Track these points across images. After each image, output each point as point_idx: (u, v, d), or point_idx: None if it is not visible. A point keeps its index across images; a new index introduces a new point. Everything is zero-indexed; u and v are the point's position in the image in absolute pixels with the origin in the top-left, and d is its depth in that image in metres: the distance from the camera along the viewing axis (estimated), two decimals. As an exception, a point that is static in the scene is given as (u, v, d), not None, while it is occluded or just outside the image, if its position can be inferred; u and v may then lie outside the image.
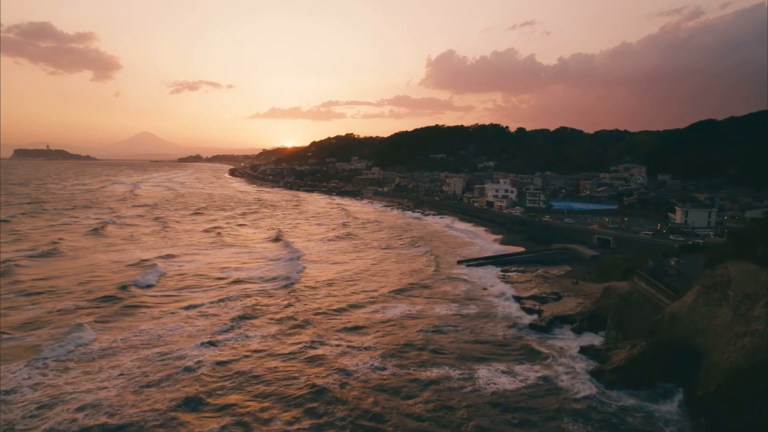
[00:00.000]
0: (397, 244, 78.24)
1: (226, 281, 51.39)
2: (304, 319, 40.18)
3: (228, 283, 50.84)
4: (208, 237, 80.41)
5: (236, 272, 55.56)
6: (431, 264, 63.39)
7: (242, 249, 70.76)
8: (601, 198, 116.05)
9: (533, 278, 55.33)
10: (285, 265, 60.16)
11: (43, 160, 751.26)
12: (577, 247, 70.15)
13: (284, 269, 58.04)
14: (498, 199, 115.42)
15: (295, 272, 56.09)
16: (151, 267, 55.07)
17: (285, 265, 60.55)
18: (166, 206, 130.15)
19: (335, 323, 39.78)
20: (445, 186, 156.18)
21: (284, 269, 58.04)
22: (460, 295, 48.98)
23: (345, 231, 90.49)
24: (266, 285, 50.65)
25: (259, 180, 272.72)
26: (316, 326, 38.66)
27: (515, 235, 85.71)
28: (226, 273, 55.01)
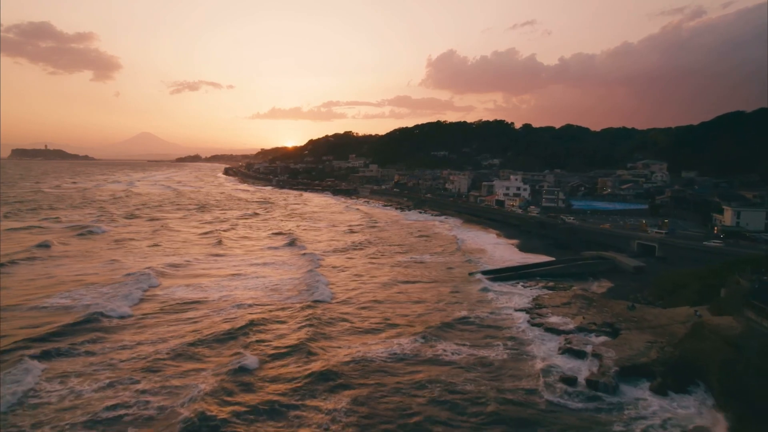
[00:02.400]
0: (394, 254, 64.93)
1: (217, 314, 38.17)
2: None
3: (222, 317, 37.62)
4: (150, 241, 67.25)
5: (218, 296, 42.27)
6: (441, 277, 50.17)
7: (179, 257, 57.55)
8: (626, 196, 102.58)
9: (571, 299, 41.90)
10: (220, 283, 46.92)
11: (40, 160, 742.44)
12: (615, 255, 56.76)
13: (217, 289, 44.81)
14: (509, 198, 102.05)
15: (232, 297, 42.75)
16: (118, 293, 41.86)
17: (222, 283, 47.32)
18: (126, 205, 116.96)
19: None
20: (448, 184, 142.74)
21: (217, 289, 44.81)
22: (474, 324, 35.68)
23: (334, 239, 77.11)
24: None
25: (251, 179, 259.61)
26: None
27: (535, 240, 72.28)
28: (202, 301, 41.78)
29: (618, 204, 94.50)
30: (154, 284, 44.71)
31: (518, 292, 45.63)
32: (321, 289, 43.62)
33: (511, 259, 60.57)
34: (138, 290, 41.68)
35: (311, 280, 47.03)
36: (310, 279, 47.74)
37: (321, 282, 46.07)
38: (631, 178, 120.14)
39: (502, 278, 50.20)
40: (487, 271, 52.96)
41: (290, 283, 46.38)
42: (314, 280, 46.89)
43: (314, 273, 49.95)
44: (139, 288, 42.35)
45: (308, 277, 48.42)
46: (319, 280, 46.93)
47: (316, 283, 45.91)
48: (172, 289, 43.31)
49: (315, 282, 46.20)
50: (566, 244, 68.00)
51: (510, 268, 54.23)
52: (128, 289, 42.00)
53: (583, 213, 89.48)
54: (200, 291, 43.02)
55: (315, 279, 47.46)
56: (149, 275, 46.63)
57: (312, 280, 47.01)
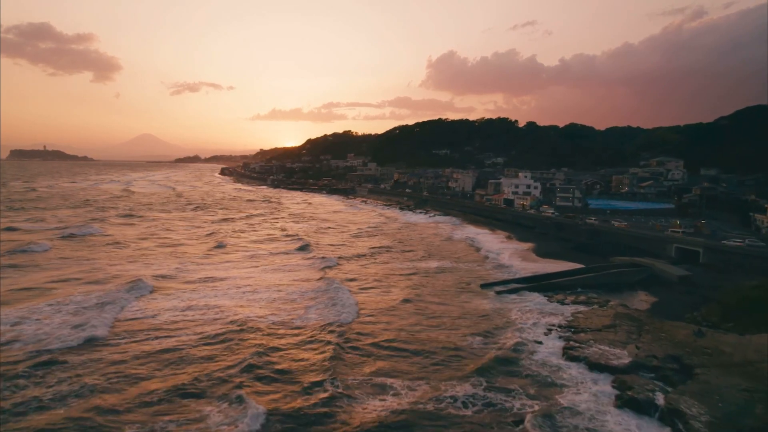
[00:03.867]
0: (396, 260, 56.24)
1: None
2: None
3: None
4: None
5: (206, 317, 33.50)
6: (452, 291, 41.43)
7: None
8: (647, 195, 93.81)
9: (613, 319, 33.05)
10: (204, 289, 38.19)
11: (38, 161, 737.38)
12: (653, 262, 48.00)
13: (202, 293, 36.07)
14: (519, 197, 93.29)
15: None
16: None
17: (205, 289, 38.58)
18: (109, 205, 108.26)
19: None
20: (451, 182, 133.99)
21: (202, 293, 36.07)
22: (496, 360, 26.94)
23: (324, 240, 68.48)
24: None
25: (245, 178, 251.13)
26: None
27: (552, 244, 63.54)
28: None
29: (640, 203, 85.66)
30: (143, 293, 37.48)
31: (544, 308, 36.87)
32: (343, 305, 35.99)
33: (528, 266, 51.73)
34: (114, 309, 33.23)
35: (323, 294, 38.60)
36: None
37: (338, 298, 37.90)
38: (650, 176, 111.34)
39: (523, 290, 41.44)
40: (503, 282, 44.22)
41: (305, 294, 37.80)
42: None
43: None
44: (117, 304, 34.18)
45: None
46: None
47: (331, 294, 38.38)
48: (159, 304, 35.24)
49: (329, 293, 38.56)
50: (589, 248, 59.27)
51: (530, 277, 45.46)
52: (112, 298, 35.08)
53: (601, 213, 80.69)
54: (195, 309, 34.58)
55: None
56: (136, 285, 39.03)
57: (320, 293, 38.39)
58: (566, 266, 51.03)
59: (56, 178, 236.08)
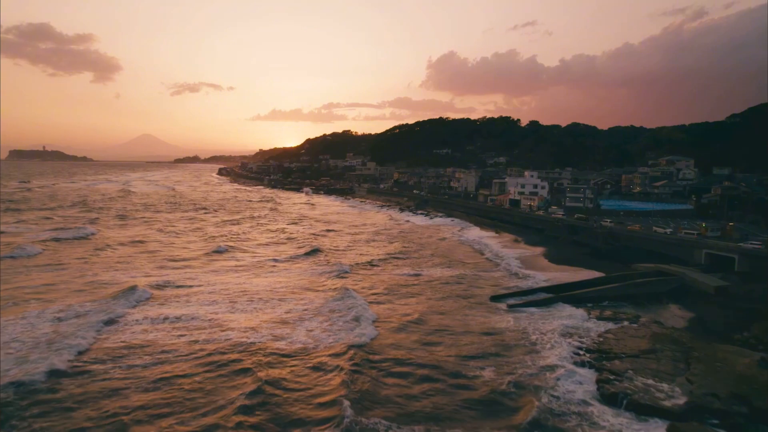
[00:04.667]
0: (402, 267, 51.19)
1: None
2: None
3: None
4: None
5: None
6: (461, 303, 36.33)
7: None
8: (661, 195, 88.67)
9: (651, 341, 27.93)
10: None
11: (38, 161, 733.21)
12: (684, 271, 42.87)
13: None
14: (525, 197, 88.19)
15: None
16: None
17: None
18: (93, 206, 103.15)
19: None
20: (454, 182, 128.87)
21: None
22: (511, 405, 21.83)
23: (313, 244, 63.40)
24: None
25: (242, 178, 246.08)
26: None
27: (566, 248, 58.44)
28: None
29: (656, 204, 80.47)
30: (132, 304, 33.24)
31: (565, 325, 31.73)
32: (360, 323, 31.09)
33: (541, 275, 46.60)
34: (94, 326, 28.68)
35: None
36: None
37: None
38: (661, 175, 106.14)
39: (539, 303, 36.37)
40: (515, 293, 39.13)
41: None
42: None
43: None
44: (101, 318, 30.00)
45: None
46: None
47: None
48: (148, 319, 30.89)
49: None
50: (607, 254, 54.15)
51: (546, 288, 40.36)
52: (96, 311, 31.04)
53: (615, 214, 75.55)
54: (189, 325, 29.96)
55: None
56: (126, 295, 34.90)
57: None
58: (584, 275, 45.96)
59: (53, 178, 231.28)
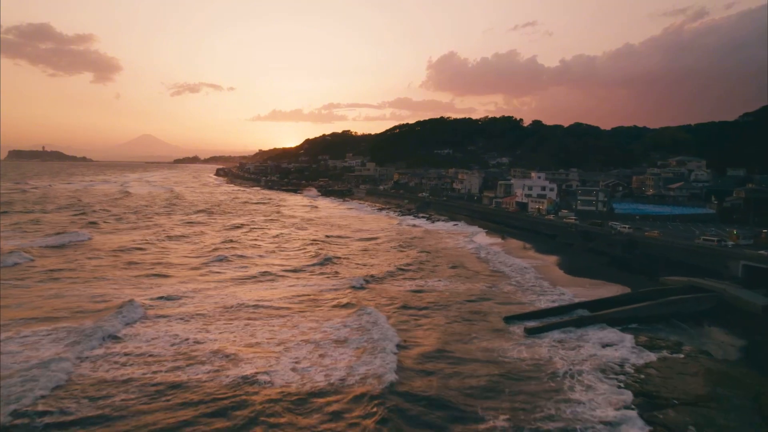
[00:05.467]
0: (405, 281, 46.21)
1: None
2: None
3: None
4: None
5: None
6: (471, 327, 31.35)
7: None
8: (677, 198, 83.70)
9: (703, 379, 23.04)
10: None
11: (37, 162, 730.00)
12: (720, 285, 37.86)
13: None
14: (533, 200, 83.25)
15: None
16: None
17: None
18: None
19: None
20: (456, 183, 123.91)
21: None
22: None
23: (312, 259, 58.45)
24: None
25: (239, 179, 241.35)
26: None
27: (581, 257, 53.48)
28: None
29: (673, 208, 75.47)
30: (116, 329, 28.32)
31: (596, 355, 26.77)
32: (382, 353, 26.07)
33: (559, 290, 41.61)
34: (76, 353, 24.61)
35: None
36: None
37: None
38: (673, 176, 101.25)
39: (562, 326, 31.38)
40: (533, 313, 34.15)
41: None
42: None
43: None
44: (80, 345, 25.49)
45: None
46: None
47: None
48: (134, 344, 26.40)
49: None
50: (627, 264, 49.20)
51: (566, 307, 35.36)
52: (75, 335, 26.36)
53: (630, 219, 70.73)
54: (179, 353, 25.36)
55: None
56: (110, 319, 29.62)
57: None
58: (607, 290, 41.00)
59: (51, 178, 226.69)
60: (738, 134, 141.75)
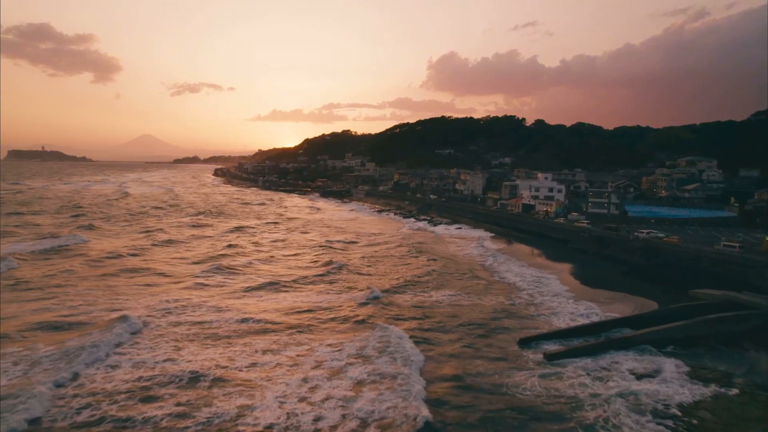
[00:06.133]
0: (415, 295, 42.07)
1: None
2: None
3: None
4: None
5: None
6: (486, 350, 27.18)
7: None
8: (693, 200, 79.46)
9: (766, 422, 18.94)
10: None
11: (36, 162, 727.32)
12: (763, 302, 33.65)
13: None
14: (540, 202, 79.03)
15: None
16: None
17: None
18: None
19: None
20: (459, 184, 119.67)
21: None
22: None
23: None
24: None
25: (237, 179, 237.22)
26: None
27: (596, 265, 49.22)
28: None
29: (691, 211, 71.19)
30: (113, 346, 25.56)
31: (635, 391, 22.55)
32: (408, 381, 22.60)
33: (574, 304, 37.40)
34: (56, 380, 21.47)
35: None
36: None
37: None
38: (687, 177, 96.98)
39: (588, 352, 27.21)
40: (552, 334, 29.94)
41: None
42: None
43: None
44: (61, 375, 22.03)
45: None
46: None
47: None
48: (120, 374, 22.88)
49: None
50: (649, 273, 44.99)
51: (591, 326, 31.18)
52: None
53: (644, 222, 66.55)
54: (180, 390, 21.54)
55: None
56: (105, 336, 26.59)
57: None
58: (629, 304, 36.75)
59: (48, 178, 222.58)
60: (749, 133, 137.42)
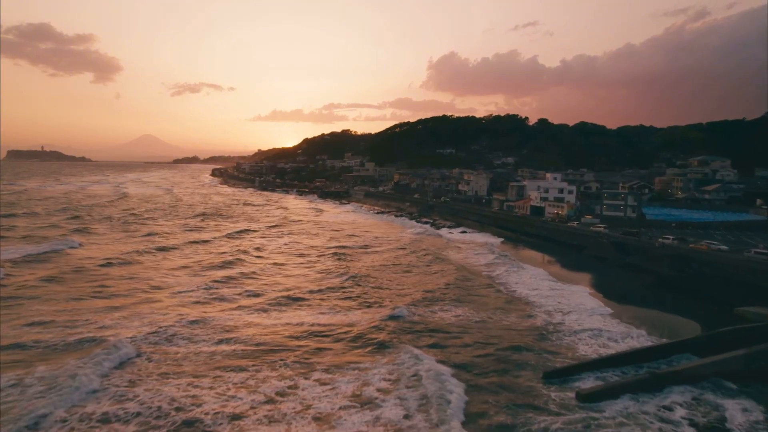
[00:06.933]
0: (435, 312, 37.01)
1: None
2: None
3: None
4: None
5: None
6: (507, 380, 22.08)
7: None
8: (714, 202, 74.28)
9: None
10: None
11: (35, 161, 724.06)
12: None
13: None
14: (550, 204, 73.89)
15: None
16: None
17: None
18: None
19: None
20: (462, 185, 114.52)
21: None
22: None
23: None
24: None
25: (234, 179, 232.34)
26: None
27: (620, 277, 44.12)
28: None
29: (715, 214, 65.97)
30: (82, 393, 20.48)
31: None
32: None
33: (601, 325, 32.24)
34: None
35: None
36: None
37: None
38: (703, 177, 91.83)
39: (628, 388, 22.12)
40: (582, 366, 24.79)
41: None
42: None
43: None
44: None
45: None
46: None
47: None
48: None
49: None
50: (681, 286, 39.89)
51: (625, 355, 26.02)
52: None
53: (665, 226, 61.47)
54: None
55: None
56: (85, 371, 22.00)
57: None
58: (665, 325, 31.63)
59: (44, 178, 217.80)
60: (763, 132, 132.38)
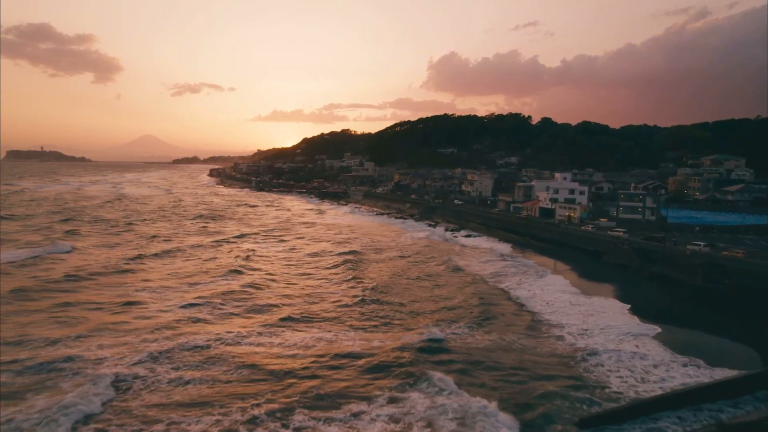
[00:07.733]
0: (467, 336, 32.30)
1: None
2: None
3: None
4: None
5: None
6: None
7: None
8: (738, 203, 69.38)
9: None
10: None
11: (35, 162, 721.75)
12: None
13: None
14: (560, 205, 68.94)
15: None
16: None
17: None
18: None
19: None
20: (465, 185, 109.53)
21: None
22: None
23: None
24: None
25: (230, 180, 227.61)
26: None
27: (648, 290, 39.23)
28: None
29: (744, 217, 60.98)
30: None
31: None
32: None
33: (637, 347, 27.38)
34: None
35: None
36: None
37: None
38: (719, 178, 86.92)
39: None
40: (624, 411, 19.93)
41: None
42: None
43: None
44: None
45: None
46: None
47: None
48: None
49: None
50: (722, 300, 35.00)
51: (677, 396, 21.13)
52: None
53: (688, 230, 56.59)
54: None
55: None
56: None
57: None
58: (712, 350, 26.78)
59: (42, 178, 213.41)
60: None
